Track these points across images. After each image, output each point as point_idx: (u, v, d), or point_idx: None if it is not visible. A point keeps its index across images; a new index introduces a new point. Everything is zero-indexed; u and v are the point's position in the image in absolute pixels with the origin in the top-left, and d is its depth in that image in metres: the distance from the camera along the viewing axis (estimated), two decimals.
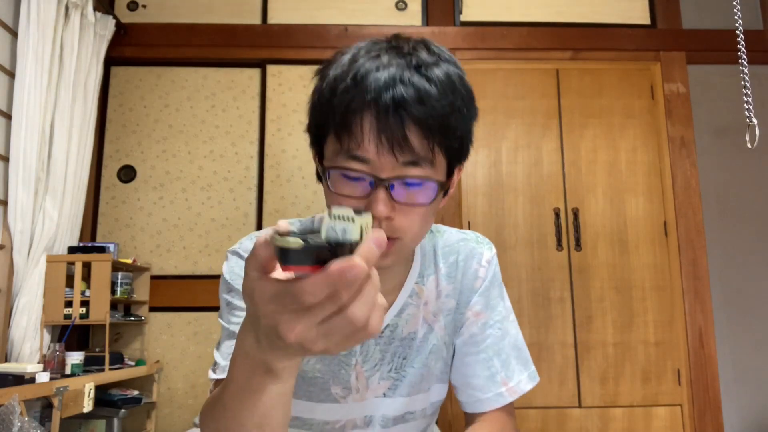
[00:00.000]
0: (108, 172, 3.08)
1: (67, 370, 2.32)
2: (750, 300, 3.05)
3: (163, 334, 2.94)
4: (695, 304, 2.93)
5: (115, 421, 2.50)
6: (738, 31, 1.74)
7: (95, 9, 2.83)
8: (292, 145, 3.11)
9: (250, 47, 3.16)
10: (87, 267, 2.55)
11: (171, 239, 3.02)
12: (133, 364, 2.74)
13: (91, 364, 2.50)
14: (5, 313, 2.36)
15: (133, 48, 3.12)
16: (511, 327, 0.91)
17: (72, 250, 2.63)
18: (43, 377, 2.05)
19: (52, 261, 2.48)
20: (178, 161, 3.10)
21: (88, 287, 2.52)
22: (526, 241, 3.02)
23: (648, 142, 3.13)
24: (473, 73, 0.75)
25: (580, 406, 2.88)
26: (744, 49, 1.70)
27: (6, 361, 2.33)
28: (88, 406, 2.20)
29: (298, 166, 3.09)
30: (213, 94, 3.17)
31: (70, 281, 2.52)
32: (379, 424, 0.88)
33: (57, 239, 2.56)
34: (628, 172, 3.09)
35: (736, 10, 1.75)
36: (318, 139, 0.73)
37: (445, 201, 0.79)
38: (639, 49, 3.18)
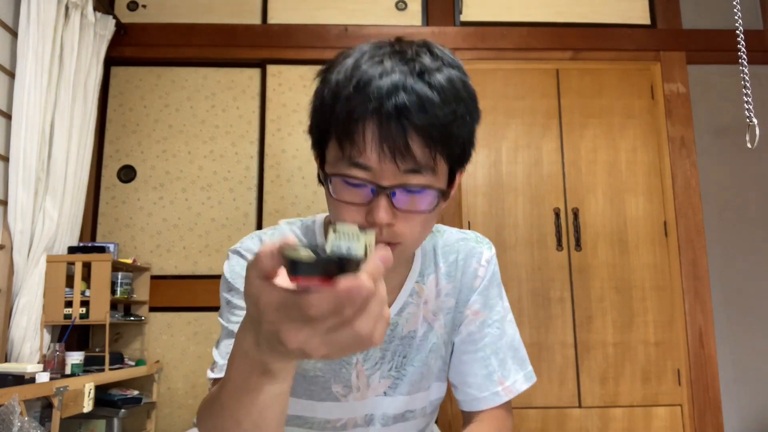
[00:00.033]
0: (108, 172, 3.08)
1: (67, 370, 2.32)
2: (750, 300, 3.05)
3: (163, 334, 2.94)
4: (695, 304, 2.93)
5: (115, 421, 2.50)
6: (738, 31, 1.74)
7: (95, 9, 2.83)
8: (292, 145, 3.11)
9: (250, 47, 3.16)
10: (87, 267, 2.55)
11: (171, 239, 3.02)
12: (133, 364, 2.74)
13: (91, 364, 2.50)
14: (5, 313, 2.36)
15: (133, 48, 3.12)
16: (508, 327, 0.92)
17: (72, 250, 2.63)
18: (43, 377, 2.05)
19: (52, 261, 2.48)
20: (178, 161, 3.10)
21: (88, 287, 2.52)
22: (526, 241, 3.02)
23: (648, 142, 3.13)
24: (473, 73, 0.75)
25: (580, 406, 2.88)
26: (744, 49, 1.70)
27: (6, 361, 2.33)
28: (88, 406, 2.20)
29: (298, 166, 3.09)
30: (213, 94, 3.17)
31: (70, 281, 2.52)
32: (380, 422, 0.89)
33: (57, 239, 2.56)
34: (628, 172, 3.10)
35: (736, 10, 1.75)
36: (320, 143, 0.74)
37: (447, 203, 0.79)
38: (639, 49, 3.18)
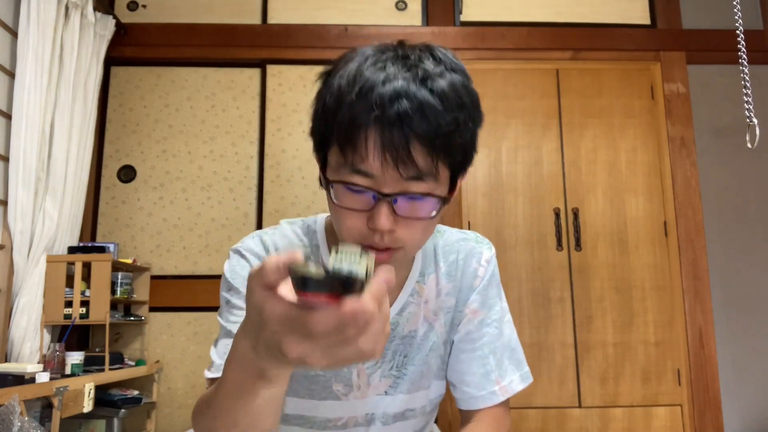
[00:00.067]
0: (108, 172, 3.08)
1: (67, 370, 2.32)
2: (750, 300, 3.05)
3: (163, 334, 2.94)
4: (695, 304, 2.93)
5: (115, 421, 2.50)
6: (738, 31, 1.74)
7: (95, 9, 2.83)
8: (292, 145, 3.11)
9: (250, 47, 3.16)
10: (87, 267, 2.55)
11: (171, 239, 3.02)
12: (133, 364, 2.74)
13: (91, 364, 2.50)
14: (5, 313, 2.36)
15: (133, 48, 3.12)
16: (506, 327, 0.92)
17: (72, 250, 2.63)
18: (43, 377, 2.05)
19: (52, 261, 2.48)
20: (178, 161, 3.10)
21: (88, 287, 2.52)
22: (526, 241, 3.02)
23: (648, 142, 3.13)
24: (473, 73, 0.75)
25: (580, 406, 2.88)
26: (744, 49, 1.70)
27: (6, 361, 2.33)
28: (88, 406, 2.20)
29: (298, 166, 3.09)
30: (213, 94, 3.17)
31: (70, 281, 2.52)
32: (380, 421, 0.89)
33: (57, 239, 2.56)
34: (628, 172, 3.10)
35: (736, 10, 1.75)
36: (322, 147, 0.74)
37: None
38: (639, 49, 3.18)
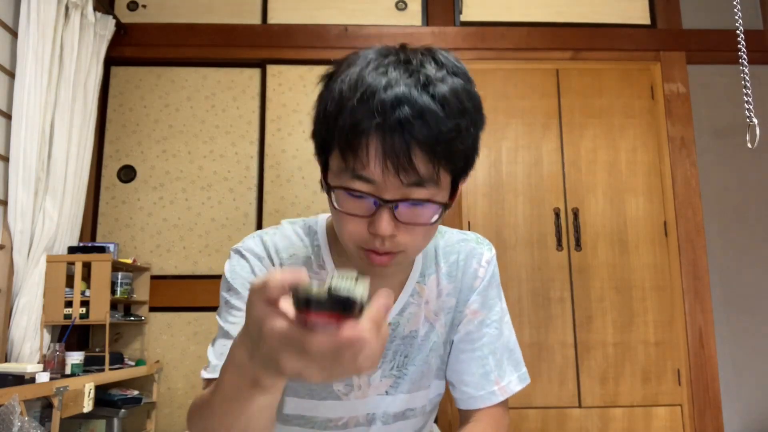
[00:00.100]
0: (108, 172, 3.08)
1: (67, 370, 2.32)
2: (750, 300, 3.05)
3: (163, 334, 2.94)
4: (695, 304, 2.93)
5: (115, 421, 2.50)
6: (738, 31, 1.74)
7: (95, 9, 2.83)
8: (292, 145, 3.11)
9: (250, 47, 3.16)
10: (87, 267, 2.55)
11: (171, 239, 3.02)
12: (133, 364, 2.74)
13: (91, 364, 2.50)
14: (5, 313, 2.36)
15: (133, 48, 3.12)
16: (506, 328, 0.93)
17: (72, 250, 2.63)
18: (43, 377, 2.05)
19: (52, 261, 2.48)
20: (178, 161, 3.10)
21: (88, 287, 2.52)
22: (526, 241, 3.02)
23: (648, 142, 3.13)
24: (473, 73, 0.74)
25: (580, 406, 2.88)
26: (744, 49, 1.70)
27: (6, 361, 2.33)
28: (88, 406, 2.20)
29: (298, 166, 3.09)
30: (213, 94, 3.17)
31: (70, 281, 2.52)
32: (381, 420, 0.89)
33: (57, 239, 2.56)
34: (628, 172, 3.10)
35: (736, 10, 1.75)
36: (323, 151, 0.74)
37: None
38: (639, 49, 3.18)
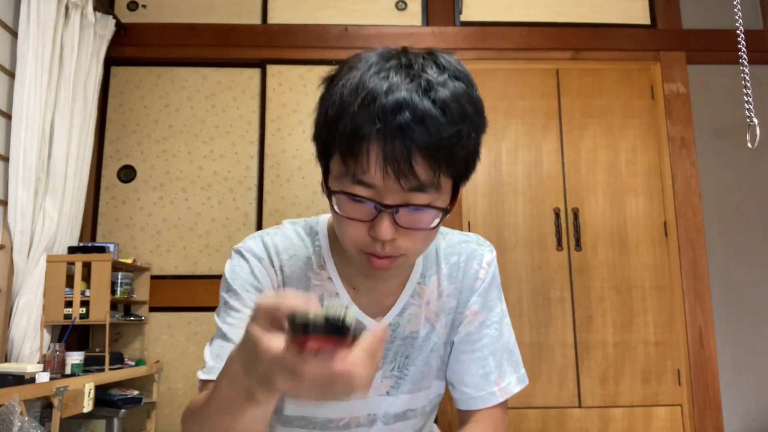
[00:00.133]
0: (108, 172, 3.08)
1: (67, 370, 2.32)
2: (750, 300, 3.05)
3: (163, 334, 2.94)
4: (695, 304, 2.93)
5: (115, 421, 2.49)
6: (738, 31, 1.74)
7: (95, 9, 2.82)
8: (292, 145, 3.11)
9: (250, 47, 3.16)
10: (87, 267, 2.55)
11: (171, 239, 3.02)
12: (133, 364, 2.74)
13: (91, 364, 2.50)
14: (5, 313, 2.36)
15: (133, 48, 3.12)
16: (506, 329, 0.93)
17: (72, 250, 2.62)
18: (43, 377, 2.05)
19: (52, 261, 2.48)
20: (178, 161, 3.10)
21: (88, 287, 2.52)
22: (526, 241, 3.02)
23: (648, 142, 3.13)
24: (473, 73, 0.75)
25: (580, 406, 2.88)
26: (744, 49, 1.70)
27: (6, 361, 2.33)
28: (88, 406, 2.20)
29: (298, 166, 3.09)
30: (213, 94, 3.17)
31: (70, 281, 2.52)
32: (382, 421, 0.90)
33: (57, 239, 2.56)
34: (628, 172, 3.10)
35: (736, 10, 1.75)
36: (324, 154, 0.74)
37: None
38: (639, 49, 3.18)
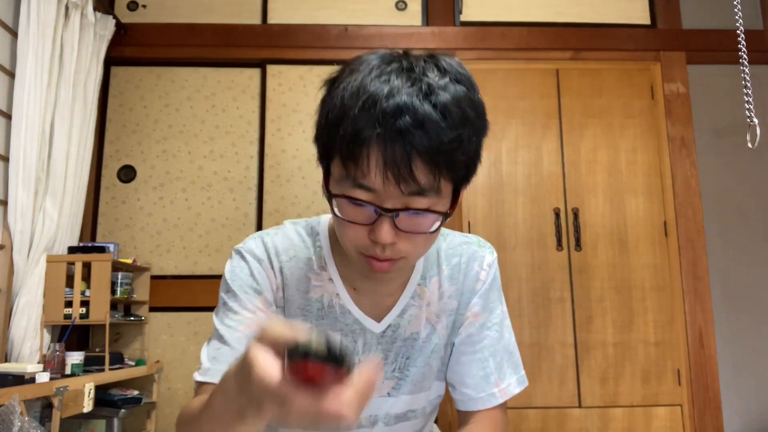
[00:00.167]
0: (108, 172, 3.08)
1: (67, 370, 2.32)
2: (750, 300, 3.05)
3: (163, 334, 2.94)
4: (695, 304, 2.93)
5: (115, 421, 2.49)
6: (738, 31, 1.74)
7: (95, 9, 2.82)
8: (292, 145, 3.11)
9: (250, 47, 3.16)
10: (87, 267, 2.55)
11: (171, 239, 3.02)
12: (133, 364, 2.74)
13: (91, 364, 2.50)
14: (5, 313, 2.36)
15: (133, 48, 3.12)
16: (506, 331, 0.93)
17: (72, 250, 2.62)
18: (43, 377, 2.05)
19: (52, 261, 2.48)
20: (178, 161, 3.10)
21: (88, 287, 2.52)
22: (526, 241, 3.02)
23: (648, 142, 3.13)
24: (473, 73, 0.75)
25: (580, 406, 2.88)
26: (744, 49, 1.70)
27: (6, 361, 2.33)
28: (88, 406, 2.20)
29: (298, 166, 3.09)
30: (213, 94, 3.17)
31: (70, 281, 2.52)
32: (383, 422, 0.90)
33: (57, 239, 2.56)
34: (628, 172, 3.09)
35: (736, 10, 1.75)
36: (325, 157, 0.74)
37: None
38: (639, 49, 3.18)
